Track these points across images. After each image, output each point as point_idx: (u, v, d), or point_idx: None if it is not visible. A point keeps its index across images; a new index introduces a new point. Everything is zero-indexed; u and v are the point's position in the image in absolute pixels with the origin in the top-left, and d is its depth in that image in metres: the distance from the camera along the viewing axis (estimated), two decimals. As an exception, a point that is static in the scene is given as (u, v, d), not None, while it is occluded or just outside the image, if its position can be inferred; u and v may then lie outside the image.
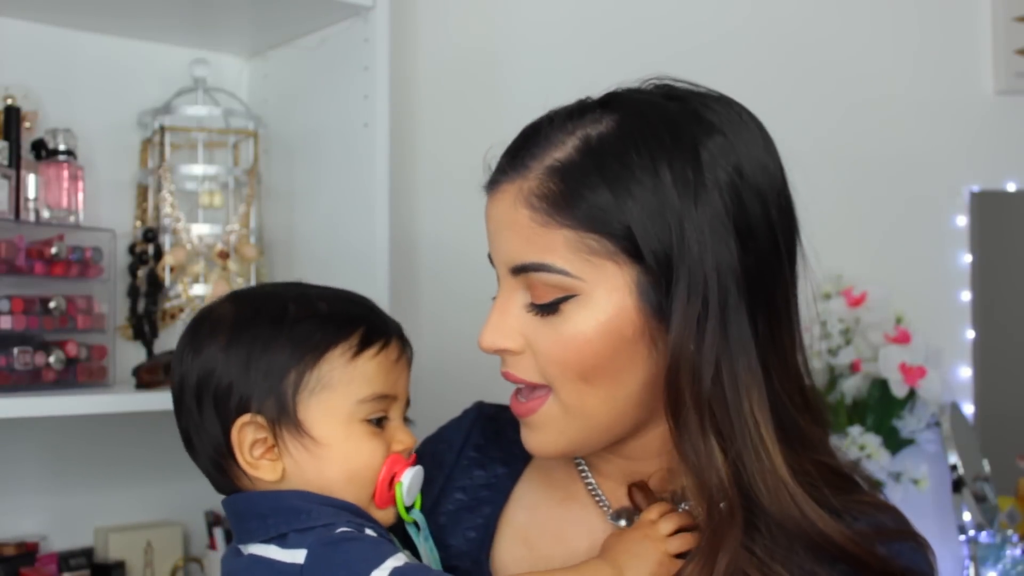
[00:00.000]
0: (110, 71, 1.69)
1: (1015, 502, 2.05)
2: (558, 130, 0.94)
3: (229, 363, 0.95)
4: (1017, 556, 1.94)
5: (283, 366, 0.94)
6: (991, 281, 2.13)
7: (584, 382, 0.92)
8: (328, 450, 0.94)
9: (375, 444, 0.96)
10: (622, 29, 1.99)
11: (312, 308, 0.97)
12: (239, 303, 1.00)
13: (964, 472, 1.98)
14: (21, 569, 1.52)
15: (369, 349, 0.97)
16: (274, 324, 0.96)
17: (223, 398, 0.95)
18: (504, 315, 0.95)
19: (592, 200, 0.90)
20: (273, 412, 0.94)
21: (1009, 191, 2.13)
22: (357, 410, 0.95)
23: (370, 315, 1.00)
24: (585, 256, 0.90)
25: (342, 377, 0.95)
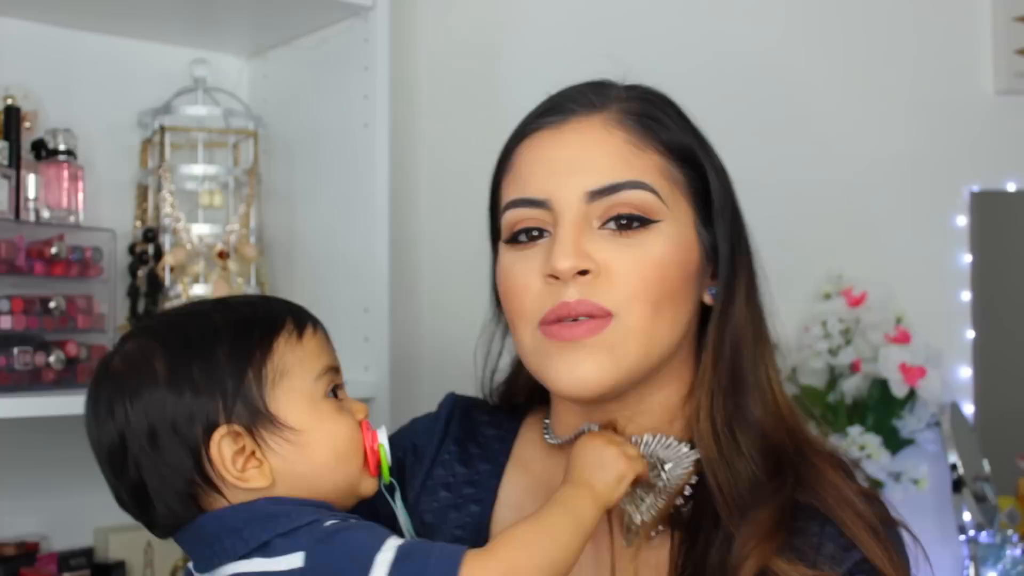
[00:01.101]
0: (110, 71, 1.70)
1: (1015, 502, 2.05)
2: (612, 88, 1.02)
3: (179, 392, 0.91)
4: (1017, 556, 1.94)
5: (237, 370, 0.92)
6: (991, 281, 2.13)
7: (653, 306, 0.94)
8: (310, 435, 0.93)
9: (346, 417, 0.96)
10: (623, 30, 1.99)
11: (236, 312, 0.96)
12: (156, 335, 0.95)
13: (964, 472, 1.98)
14: (21, 569, 1.52)
15: (306, 329, 0.97)
16: (208, 339, 0.93)
17: (185, 427, 0.91)
18: (578, 237, 0.94)
19: (679, 134, 0.99)
20: (245, 416, 0.92)
21: (1009, 191, 2.13)
22: (317, 387, 0.95)
23: (289, 307, 1.00)
24: (670, 185, 0.97)
25: (294, 359, 0.94)
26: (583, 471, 0.95)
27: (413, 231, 1.89)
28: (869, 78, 2.08)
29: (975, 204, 2.12)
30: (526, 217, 0.97)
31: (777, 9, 2.07)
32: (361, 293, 1.62)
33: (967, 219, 2.11)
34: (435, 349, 1.91)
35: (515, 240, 0.98)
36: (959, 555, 2.00)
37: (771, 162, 2.02)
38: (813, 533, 0.94)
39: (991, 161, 2.10)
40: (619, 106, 0.99)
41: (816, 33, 2.09)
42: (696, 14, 2.05)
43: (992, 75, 2.12)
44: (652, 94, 1.03)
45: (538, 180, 0.97)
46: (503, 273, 1.00)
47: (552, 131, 0.98)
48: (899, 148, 2.07)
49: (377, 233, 1.60)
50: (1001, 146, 2.11)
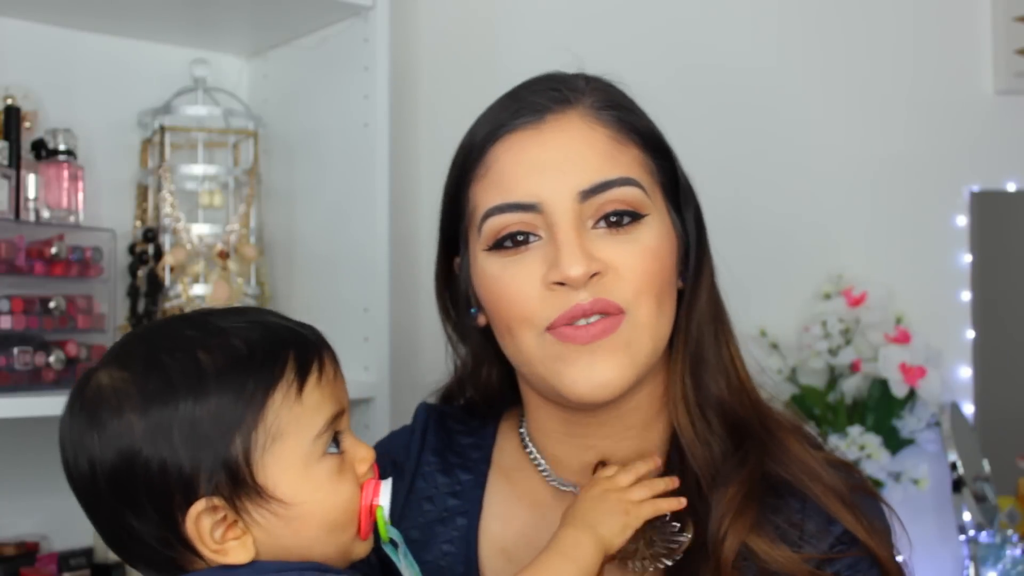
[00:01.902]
0: (110, 71, 1.70)
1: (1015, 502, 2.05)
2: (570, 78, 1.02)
3: (154, 445, 0.80)
4: (1017, 556, 1.94)
5: (223, 431, 0.81)
6: (991, 281, 2.13)
7: (657, 299, 0.94)
8: (300, 508, 0.83)
9: (344, 480, 0.86)
10: (622, 29, 1.99)
11: (229, 351, 0.83)
12: (131, 366, 0.83)
13: (964, 472, 1.98)
14: (21, 569, 1.52)
15: (309, 378, 0.85)
16: (192, 386, 0.81)
17: (159, 488, 0.80)
18: (582, 241, 0.92)
19: (649, 128, 0.99)
20: (227, 487, 0.81)
21: (1009, 191, 2.13)
22: (316, 447, 0.84)
23: (291, 335, 0.87)
24: (650, 178, 0.97)
25: (291, 419, 0.83)
26: (588, 514, 0.91)
27: (413, 231, 1.88)
28: (869, 78, 2.08)
29: (975, 204, 2.12)
30: (513, 222, 0.94)
31: (777, 9, 2.07)
32: (361, 293, 1.62)
33: (967, 219, 2.11)
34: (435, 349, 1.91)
35: (501, 247, 0.95)
36: (959, 555, 2.00)
37: (771, 162, 2.02)
38: (795, 510, 0.95)
39: (991, 161, 2.10)
40: (591, 99, 0.98)
41: (816, 33, 2.09)
42: (695, 14, 2.05)
43: (992, 75, 2.12)
44: (611, 84, 1.02)
45: (525, 183, 0.93)
46: (491, 280, 0.96)
47: (531, 131, 0.95)
48: (899, 148, 2.07)
49: (377, 233, 1.60)
50: (1001, 146, 2.11)
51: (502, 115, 0.98)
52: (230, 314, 0.89)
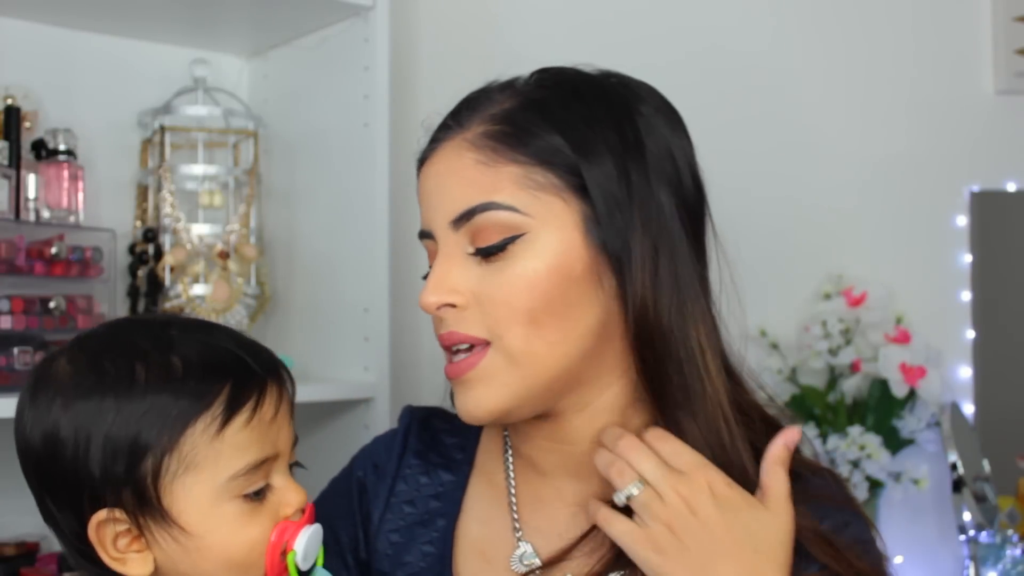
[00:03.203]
0: (110, 71, 1.70)
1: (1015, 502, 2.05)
2: (496, 92, 0.99)
3: (73, 443, 0.80)
4: (1017, 556, 1.94)
5: (136, 450, 0.79)
6: (991, 281, 2.13)
7: (533, 325, 0.90)
8: (201, 540, 0.81)
9: (256, 521, 0.83)
10: (622, 29, 1.99)
11: (165, 369, 0.81)
12: (79, 360, 0.83)
13: (964, 472, 1.98)
14: (21, 569, 1.52)
15: (237, 416, 0.82)
16: (120, 395, 0.80)
17: (71, 485, 0.81)
18: (447, 270, 0.93)
19: (540, 137, 0.93)
20: (132, 503, 0.80)
21: (1009, 191, 2.13)
22: (229, 488, 0.82)
23: (236, 366, 0.84)
24: (532, 192, 0.91)
25: (207, 455, 0.80)
26: None
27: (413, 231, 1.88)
28: (869, 78, 2.08)
29: (975, 204, 2.12)
30: (427, 248, 0.99)
31: (777, 9, 2.07)
32: (361, 293, 1.62)
33: (967, 219, 2.11)
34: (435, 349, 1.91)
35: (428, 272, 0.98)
36: (959, 555, 2.00)
37: (771, 162, 2.02)
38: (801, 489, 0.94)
39: (991, 161, 2.10)
40: (480, 124, 0.95)
41: (816, 33, 2.09)
42: (695, 13, 2.05)
43: (992, 75, 2.12)
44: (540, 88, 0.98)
45: (424, 212, 0.98)
46: None
47: (428, 162, 0.99)
48: (899, 148, 2.07)
49: (377, 233, 1.60)
50: (1001, 146, 2.11)
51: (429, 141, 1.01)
52: (194, 329, 0.87)
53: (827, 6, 2.09)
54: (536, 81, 0.99)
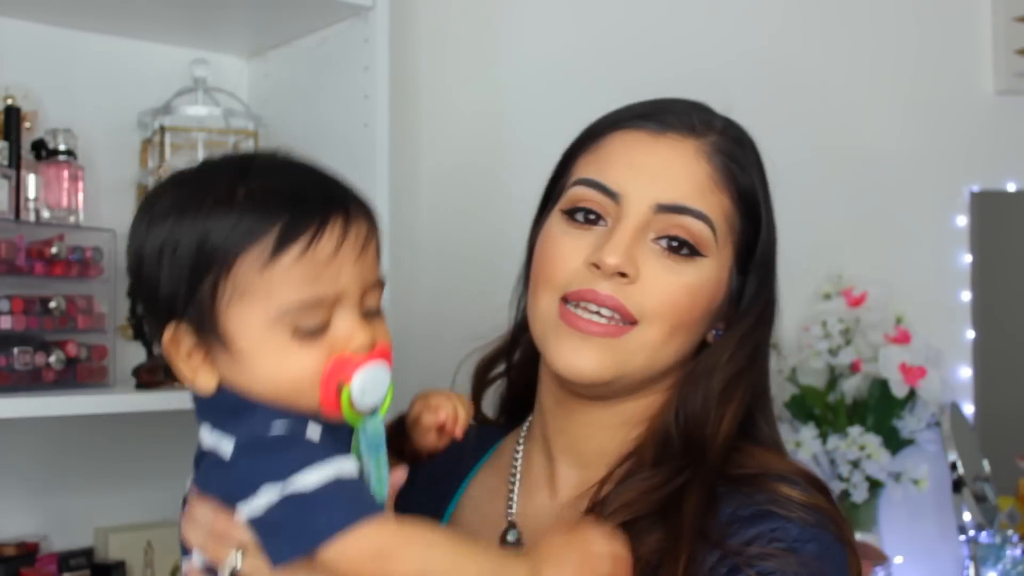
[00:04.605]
0: (110, 71, 1.69)
1: (1015, 502, 2.05)
2: (713, 115, 1.05)
3: (153, 260, 0.85)
4: (1017, 556, 1.94)
5: (198, 271, 0.83)
6: (991, 281, 2.13)
7: (672, 330, 0.98)
8: (252, 363, 0.84)
9: (307, 353, 0.84)
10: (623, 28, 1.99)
11: (230, 199, 0.84)
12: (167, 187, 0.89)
13: (964, 472, 1.98)
14: (21, 569, 1.52)
15: (288, 250, 0.83)
16: (188, 220, 0.84)
17: (152, 299, 0.86)
18: (633, 242, 0.97)
19: (752, 186, 1.03)
20: (197, 321, 0.85)
21: (1009, 191, 2.13)
22: (281, 320, 0.83)
23: (297, 200, 0.85)
24: (726, 229, 1.01)
25: (259, 285, 0.83)
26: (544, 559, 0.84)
27: (413, 231, 1.88)
28: (869, 78, 2.08)
29: (975, 204, 2.12)
30: (592, 199, 1.00)
31: (776, 9, 2.07)
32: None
33: (967, 219, 2.11)
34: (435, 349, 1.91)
35: (572, 216, 1.01)
36: (959, 555, 2.00)
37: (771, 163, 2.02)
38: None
39: (991, 161, 2.11)
40: (714, 140, 1.02)
41: (816, 33, 2.09)
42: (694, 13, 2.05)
43: (992, 75, 2.13)
44: (745, 138, 1.06)
45: (618, 173, 1.00)
46: (549, 239, 1.02)
47: (648, 136, 1.01)
48: (899, 148, 2.07)
49: (377, 233, 1.59)
50: (1001, 146, 2.11)
51: (633, 111, 1.05)
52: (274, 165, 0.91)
53: (827, 6, 2.09)
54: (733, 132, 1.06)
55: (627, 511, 0.94)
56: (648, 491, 0.95)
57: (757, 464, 0.98)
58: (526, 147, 1.87)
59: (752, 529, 0.91)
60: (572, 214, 1.01)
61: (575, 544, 0.85)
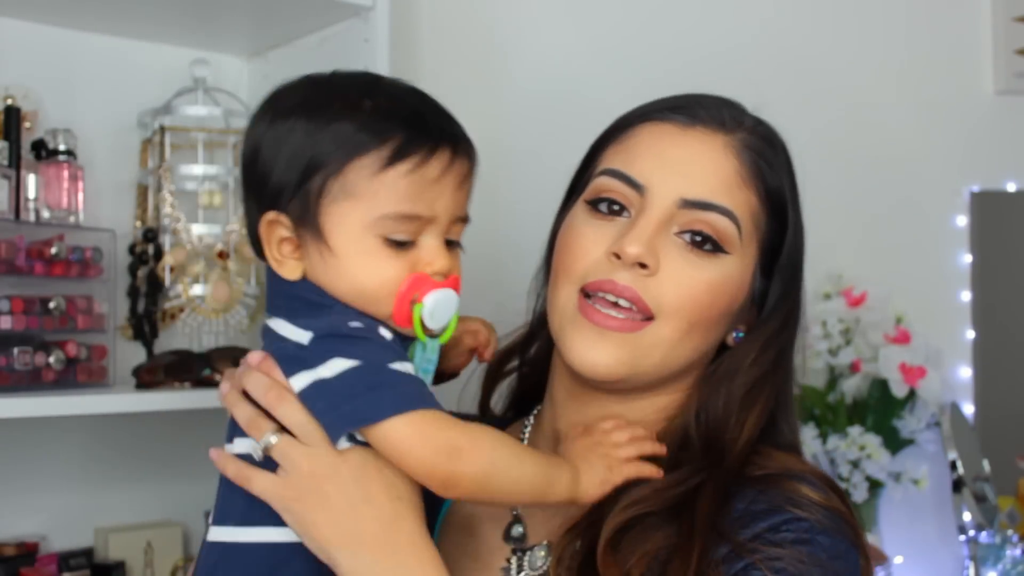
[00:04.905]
0: (110, 71, 1.69)
1: (1015, 502, 2.05)
2: (743, 112, 1.04)
3: (269, 151, 0.91)
4: (1017, 556, 1.94)
5: (311, 166, 0.89)
6: (991, 281, 2.13)
7: (690, 327, 0.97)
8: (340, 261, 0.89)
9: (392, 263, 0.90)
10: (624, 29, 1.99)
11: (356, 106, 0.90)
12: (296, 87, 0.96)
13: (964, 472, 1.98)
14: (21, 569, 1.52)
15: (401, 163, 0.89)
16: (313, 117, 0.90)
17: (259, 186, 0.92)
18: (655, 234, 0.96)
19: (780, 186, 1.02)
20: (297, 213, 0.90)
21: (1009, 191, 2.13)
22: (376, 226, 0.89)
23: (417, 122, 0.91)
24: (752, 227, 1.00)
25: (366, 189, 0.88)
26: (575, 457, 0.94)
27: (413, 231, 1.88)
28: (869, 78, 2.08)
29: (975, 204, 2.12)
30: (617, 190, 0.99)
31: (776, 9, 2.07)
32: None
33: (967, 219, 2.11)
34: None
35: (596, 206, 1.00)
36: (959, 555, 2.00)
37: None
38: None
39: (991, 161, 2.11)
40: (743, 136, 1.01)
41: (816, 33, 2.09)
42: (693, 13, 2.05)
43: (992, 75, 2.13)
44: (775, 137, 1.05)
45: (644, 165, 0.99)
46: (571, 229, 1.01)
47: (676, 128, 1.00)
48: (899, 148, 2.07)
49: (377, 233, 1.59)
50: (1001, 146, 2.11)
51: (663, 104, 1.03)
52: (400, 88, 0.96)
53: (826, 6, 2.09)
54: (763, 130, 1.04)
55: (639, 506, 0.93)
56: (662, 489, 0.94)
57: (775, 466, 0.97)
58: (527, 147, 1.87)
59: (763, 522, 0.90)
60: (595, 205, 1.00)
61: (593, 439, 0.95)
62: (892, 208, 2.07)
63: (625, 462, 0.95)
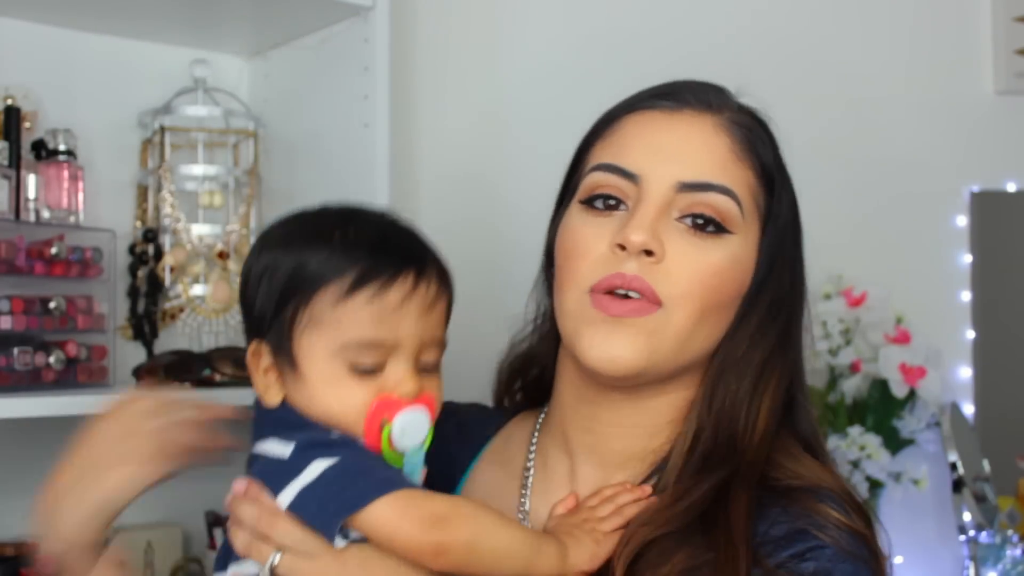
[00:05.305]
0: (110, 71, 1.69)
1: (1015, 502, 2.05)
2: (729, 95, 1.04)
3: (255, 282, 0.96)
4: (1017, 556, 1.94)
5: (284, 296, 0.94)
6: (991, 281, 2.13)
7: (700, 313, 0.95)
8: (311, 388, 0.93)
9: (358, 390, 0.93)
10: (624, 29, 1.99)
11: (329, 236, 0.95)
12: (283, 222, 1.01)
13: (964, 472, 1.98)
14: (21, 569, 1.52)
15: (361, 291, 0.92)
16: (290, 250, 0.95)
17: (248, 314, 0.98)
18: (656, 220, 0.95)
19: (772, 160, 1.00)
20: (275, 341, 0.95)
21: (1009, 191, 2.13)
22: (342, 353, 0.93)
23: (379, 250, 0.95)
24: (752, 204, 0.98)
25: (330, 318, 0.92)
26: (566, 532, 0.94)
27: (413, 231, 1.88)
28: (869, 78, 2.08)
29: (975, 204, 2.12)
30: (611, 184, 0.98)
31: (776, 9, 2.07)
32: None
33: (967, 219, 2.11)
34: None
35: (591, 204, 0.98)
36: (959, 555, 2.00)
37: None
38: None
39: (991, 161, 2.11)
40: (731, 115, 1.00)
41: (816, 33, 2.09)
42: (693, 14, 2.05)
43: (992, 75, 2.13)
44: (759, 116, 1.04)
45: (636, 154, 0.97)
46: (569, 231, 1.00)
47: (663, 114, 0.99)
48: (899, 148, 2.07)
49: (377, 233, 1.59)
50: (1001, 146, 2.11)
51: (647, 93, 1.03)
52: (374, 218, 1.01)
53: (826, 6, 2.09)
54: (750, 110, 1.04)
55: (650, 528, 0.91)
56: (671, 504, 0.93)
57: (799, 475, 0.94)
58: (527, 148, 1.87)
59: (788, 550, 0.88)
60: (591, 203, 0.98)
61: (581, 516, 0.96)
62: (892, 208, 2.07)
63: (612, 534, 0.94)
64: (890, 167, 2.07)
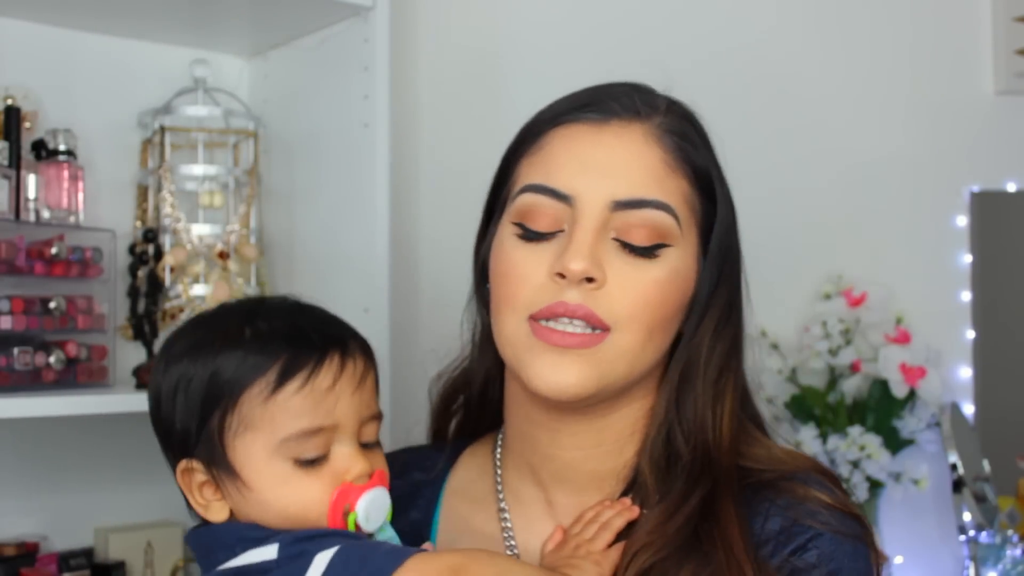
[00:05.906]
0: (110, 71, 1.69)
1: (1015, 502, 2.05)
2: (657, 97, 1.00)
3: (168, 399, 0.92)
4: (1017, 556, 1.94)
5: (207, 406, 0.90)
6: (991, 281, 2.13)
7: (648, 332, 0.93)
8: (259, 495, 0.89)
9: (310, 484, 0.90)
10: (623, 29, 1.99)
11: (237, 339, 0.91)
12: (183, 331, 0.96)
13: (964, 472, 1.98)
14: (21, 569, 1.52)
15: (290, 383, 0.89)
16: (200, 357, 0.91)
17: (168, 436, 0.93)
18: (594, 244, 0.92)
19: (705, 162, 0.97)
20: (206, 455, 0.90)
21: (1009, 191, 2.13)
22: (282, 450, 0.89)
23: (298, 337, 0.91)
24: (688, 213, 0.96)
25: (262, 416, 0.89)
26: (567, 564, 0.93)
27: (413, 231, 1.88)
28: (869, 78, 2.08)
29: (975, 204, 2.12)
30: (543, 206, 0.94)
31: (776, 9, 2.07)
32: (361, 293, 1.62)
33: (967, 219, 2.11)
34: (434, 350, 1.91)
35: (525, 228, 0.95)
36: (959, 555, 2.00)
37: (771, 163, 2.02)
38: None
39: (991, 161, 2.11)
40: (660, 120, 0.97)
41: (816, 33, 2.09)
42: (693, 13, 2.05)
43: (992, 75, 2.13)
44: (691, 115, 1.01)
45: (567, 174, 0.94)
46: (504, 254, 0.97)
47: (590, 127, 0.96)
48: (899, 148, 2.08)
49: (377, 233, 1.59)
50: (1001, 146, 2.11)
51: (571, 104, 0.99)
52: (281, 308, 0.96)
53: (827, 6, 2.09)
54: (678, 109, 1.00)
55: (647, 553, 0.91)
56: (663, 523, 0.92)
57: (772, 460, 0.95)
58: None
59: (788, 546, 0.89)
60: (524, 227, 0.95)
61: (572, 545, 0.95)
62: (892, 208, 2.07)
63: (609, 552, 0.94)
64: (890, 167, 2.07)
